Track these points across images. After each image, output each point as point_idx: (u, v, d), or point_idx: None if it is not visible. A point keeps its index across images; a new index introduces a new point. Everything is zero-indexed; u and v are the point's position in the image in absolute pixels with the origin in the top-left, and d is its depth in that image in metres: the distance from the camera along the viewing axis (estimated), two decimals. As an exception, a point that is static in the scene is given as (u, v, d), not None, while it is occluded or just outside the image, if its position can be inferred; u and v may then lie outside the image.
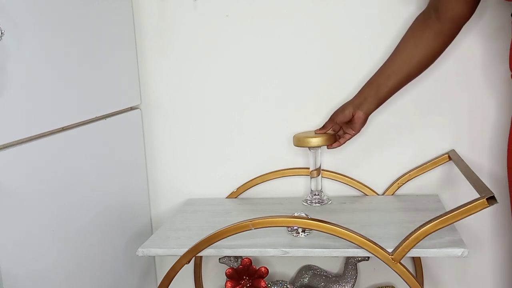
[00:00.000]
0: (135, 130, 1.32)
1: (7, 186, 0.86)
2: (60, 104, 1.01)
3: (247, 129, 1.32)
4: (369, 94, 1.11)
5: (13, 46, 0.87)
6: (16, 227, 0.88)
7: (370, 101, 1.11)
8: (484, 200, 0.86)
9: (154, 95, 1.35)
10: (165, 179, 1.39)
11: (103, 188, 1.16)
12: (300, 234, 1.05)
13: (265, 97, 1.30)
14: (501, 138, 1.21)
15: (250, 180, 1.33)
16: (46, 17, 0.97)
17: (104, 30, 1.16)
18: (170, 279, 1.04)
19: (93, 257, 1.11)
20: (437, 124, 1.24)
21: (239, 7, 1.27)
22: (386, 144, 1.27)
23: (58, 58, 1.00)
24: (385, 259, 0.94)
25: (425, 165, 1.24)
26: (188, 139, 1.36)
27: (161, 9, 1.30)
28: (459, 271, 1.30)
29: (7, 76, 0.86)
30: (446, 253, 0.95)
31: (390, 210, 1.18)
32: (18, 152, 0.89)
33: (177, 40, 1.31)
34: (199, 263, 1.37)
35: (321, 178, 1.26)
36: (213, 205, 1.30)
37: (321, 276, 1.28)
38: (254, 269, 1.20)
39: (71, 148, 1.04)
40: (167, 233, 1.13)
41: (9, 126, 0.87)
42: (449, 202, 1.24)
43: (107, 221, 1.17)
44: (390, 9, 1.20)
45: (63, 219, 1.01)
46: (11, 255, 0.87)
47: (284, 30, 1.26)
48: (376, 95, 1.11)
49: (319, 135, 1.19)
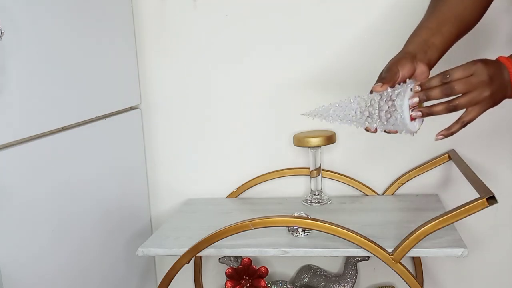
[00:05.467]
0: (135, 130, 1.32)
1: (7, 186, 0.86)
2: (60, 104, 1.01)
3: (247, 129, 1.32)
4: (430, 40, 0.87)
5: (13, 46, 0.87)
6: (16, 227, 0.88)
7: (433, 49, 0.88)
8: (484, 200, 0.86)
9: (154, 95, 1.35)
10: (165, 179, 1.39)
11: (103, 188, 1.16)
12: (300, 234, 1.05)
13: (265, 96, 1.30)
14: (501, 138, 1.21)
15: (250, 180, 1.33)
16: (46, 17, 0.97)
17: (104, 29, 1.16)
18: (170, 279, 1.04)
19: (93, 256, 1.11)
20: (437, 124, 1.24)
21: (239, 7, 1.27)
22: (386, 144, 1.27)
23: (58, 58, 1.00)
24: (385, 259, 0.94)
25: (425, 165, 1.24)
26: (188, 139, 1.36)
27: (161, 9, 1.30)
28: (459, 271, 1.31)
29: (7, 76, 0.86)
30: (446, 253, 0.95)
31: (390, 210, 1.18)
32: (18, 152, 0.89)
33: (177, 40, 1.31)
34: (199, 263, 1.37)
35: (321, 178, 1.26)
36: (213, 205, 1.30)
37: (321, 276, 1.28)
38: (254, 269, 1.20)
39: (71, 148, 1.04)
40: (167, 233, 1.13)
41: (9, 126, 0.87)
42: (449, 202, 1.24)
43: (107, 221, 1.17)
44: (392, 9, 1.20)
45: (63, 219, 1.01)
46: (11, 255, 0.87)
47: (284, 30, 1.26)
48: (440, 41, 0.88)
49: (319, 135, 1.19)
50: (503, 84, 0.80)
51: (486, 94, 0.79)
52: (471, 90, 0.79)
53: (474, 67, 0.78)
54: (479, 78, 0.78)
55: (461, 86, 0.79)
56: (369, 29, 1.22)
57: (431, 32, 0.89)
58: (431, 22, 0.90)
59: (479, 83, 0.78)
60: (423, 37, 0.88)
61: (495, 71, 0.80)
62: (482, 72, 0.78)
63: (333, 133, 1.22)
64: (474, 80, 0.78)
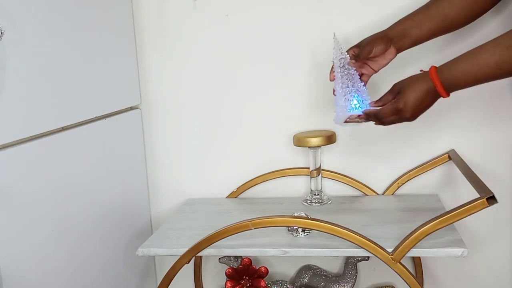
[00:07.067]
0: (135, 130, 1.32)
1: (7, 186, 0.86)
2: (60, 104, 1.01)
3: (247, 129, 1.32)
4: (409, 31, 1.02)
5: (13, 46, 0.87)
6: (16, 227, 0.88)
7: (408, 39, 1.02)
8: (484, 200, 0.86)
9: (154, 95, 1.35)
10: (165, 179, 1.39)
11: (103, 188, 1.16)
12: (300, 234, 1.05)
13: (265, 96, 1.30)
14: (501, 138, 1.21)
15: (250, 180, 1.33)
16: (46, 17, 0.97)
17: (104, 30, 1.16)
18: (170, 279, 1.05)
19: (93, 256, 1.11)
20: (437, 124, 1.24)
21: (239, 7, 1.27)
22: (386, 144, 1.27)
23: (58, 58, 1.00)
24: (385, 259, 0.94)
25: (425, 165, 1.24)
26: (188, 139, 1.36)
27: (161, 9, 1.30)
28: (459, 271, 1.30)
29: (7, 76, 0.86)
30: (446, 253, 0.95)
31: (390, 210, 1.18)
32: (18, 152, 0.89)
33: (177, 40, 1.31)
34: (199, 263, 1.37)
35: (321, 178, 1.26)
36: (213, 205, 1.30)
37: (321, 276, 1.28)
38: (254, 269, 1.20)
39: (71, 148, 1.04)
40: (167, 233, 1.14)
41: (9, 126, 0.87)
42: (449, 202, 1.24)
43: (107, 221, 1.17)
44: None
45: (63, 219, 1.01)
46: (11, 255, 0.87)
47: (284, 29, 1.26)
48: (417, 34, 1.02)
49: (319, 135, 1.19)
50: (428, 103, 0.95)
51: (406, 120, 0.97)
52: (393, 122, 0.98)
53: (401, 105, 0.94)
54: (404, 115, 0.95)
55: (389, 122, 0.98)
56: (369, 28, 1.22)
57: (412, 24, 1.02)
58: (417, 16, 1.03)
59: (403, 118, 0.96)
60: (404, 27, 1.03)
61: (420, 100, 0.94)
62: (407, 109, 0.94)
63: (333, 133, 1.22)
64: (399, 117, 0.96)
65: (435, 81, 0.91)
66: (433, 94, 0.93)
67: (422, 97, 0.93)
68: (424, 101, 0.94)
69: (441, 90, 0.91)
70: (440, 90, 0.91)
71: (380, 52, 1.03)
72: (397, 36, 1.02)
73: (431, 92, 0.93)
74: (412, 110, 0.94)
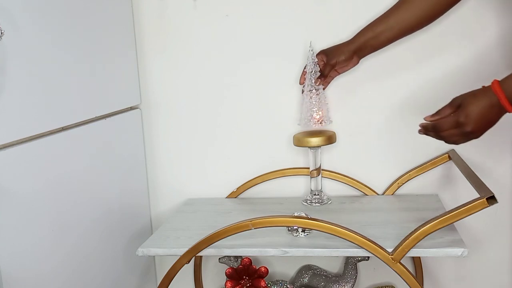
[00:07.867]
0: (135, 130, 1.33)
1: (7, 186, 0.86)
2: (60, 104, 1.01)
3: (247, 128, 1.32)
4: (369, 42, 1.12)
5: (13, 46, 0.87)
6: (16, 227, 0.88)
7: (368, 48, 1.13)
8: (484, 200, 0.86)
9: (154, 95, 1.35)
10: (165, 179, 1.39)
11: (103, 188, 1.16)
12: (300, 234, 1.05)
13: (265, 97, 1.30)
14: (501, 138, 1.21)
15: (250, 180, 1.33)
16: (46, 17, 0.97)
17: (104, 30, 1.16)
18: (170, 278, 1.05)
19: (93, 256, 1.11)
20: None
21: (239, 7, 1.27)
22: (386, 144, 1.27)
23: (58, 58, 1.00)
24: (385, 259, 0.94)
25: (425, 165, 1.24)
26: (188, 139, 1.36)
27: (161, 9, 1.30)
28: (459, 271, 1.30)
29: (7, 76, 0.86)
30: (446, 253, 0.95)
31: (390, 210, 1.18)
32: (18, 152, 0.89)
33: (177, 40, 1.31)
34: (199, 263, 1.37)
35: (321, 178, 1.26)
36: (213, 205, 1.30)
37: (321, 276, 1.28)
38: (254, 269, 1.20)
39: (71, 148, 1.04)
40: (167, 233, 1.14)
41: (9, 126, 0.87)
42: (449, 202, 1.24)
43: (107, 221, 1.17)
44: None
45: (63, 219, 1.01)
46: (11, 255, 0.87)
47: (284, 29, 1.26)
48: (376, 44, 1.12)
49: (319, 135, 1.19)
50: (491, 118, 0.92)
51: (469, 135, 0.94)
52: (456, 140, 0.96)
53: (462, 119, 0.92)
54: (466, 129, 0.92)
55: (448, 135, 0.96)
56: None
57: (372, 35, 1.11)
58: (377, 27, 1.11)
59: (466, 133, 0.93)
60: (365, 38, 1.12)
61: (482, 114, 0.91)
62: (468, 122, 0.92)
63: (333, 133, 1.22)
64: (461, 131, 0.93)
65: (499, 94, 0.89)
66: (497, 108, 0.90)
67: (484, 111, 0.91)
68: (487, 115, 0.91)
69: (506, 103, 0.89)
70: (505, 103, 0.89)
71: (344, 64, 1.15)
72: (359, 48, 1.13)
73: (495, 106, 0.90)
74: (474, 124, 0.91)
